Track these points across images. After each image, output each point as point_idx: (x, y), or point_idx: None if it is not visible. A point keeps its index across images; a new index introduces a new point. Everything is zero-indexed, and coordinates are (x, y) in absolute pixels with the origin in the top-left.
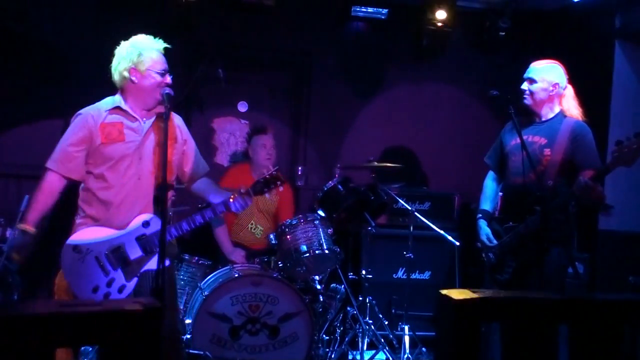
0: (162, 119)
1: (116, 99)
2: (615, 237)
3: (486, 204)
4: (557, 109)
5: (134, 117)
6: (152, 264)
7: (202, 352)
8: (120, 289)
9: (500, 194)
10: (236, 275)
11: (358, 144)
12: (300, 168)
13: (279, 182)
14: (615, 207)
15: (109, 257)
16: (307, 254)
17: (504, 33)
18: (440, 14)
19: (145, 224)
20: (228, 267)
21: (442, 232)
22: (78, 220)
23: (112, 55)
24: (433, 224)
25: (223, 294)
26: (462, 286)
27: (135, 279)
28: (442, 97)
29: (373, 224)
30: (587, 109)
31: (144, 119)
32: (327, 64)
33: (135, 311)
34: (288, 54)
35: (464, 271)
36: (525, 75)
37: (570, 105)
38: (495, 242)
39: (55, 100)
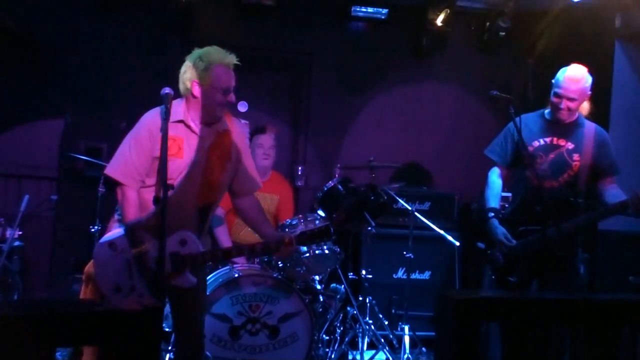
0: (223, 138)
1: (179, 110)
2: (615, 237)
3: (495, 202)
4: (576, 112)
5: (195, 133)
6: (179, 280)
7: None
8: (140, 298)
9: (509, 194)
10: (236, 275)
11: (358, 144)
12: (300, 168)
13: (326, 238)
14: None
15: (139, 263)
16: (307, 254)
17: (504, 33)
18: (440, 14)
19: (183, 242)
20: (228, 267)
21: (442, 232)
22: (117, 217)
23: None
24: (433, 224)
25: (223, 294)
26: (462, 286)
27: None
28: (442, 97)
29: (373, 224)
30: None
31: (203, 134)
32: (327, 64)
33: (135, 311)
34: (288, 54)
35: (464, 271)
36: (563, 93)
37: (584, 103)
38: (514, 242)
39: (55, 100)
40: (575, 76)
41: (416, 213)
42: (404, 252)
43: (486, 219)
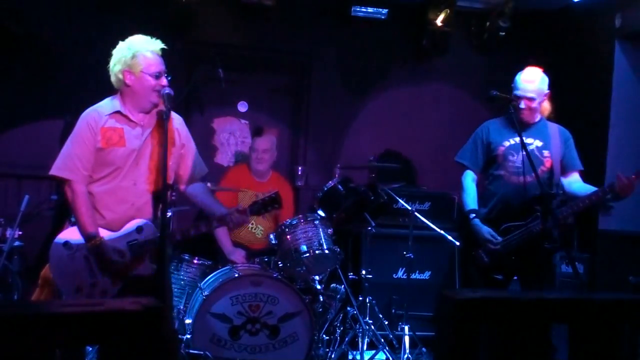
0: (162, 123)
1: (115, 103)
2: (615, 237)
3: (474, 204)
4: (538, 112)
5: (134, 122)
6: (141, 269)
7: (202, 352)
8: (103, 293)
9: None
10: (236, 275)
11: (358, 144)
12: (300, 168)
13: (276, 206)
14: (615, 207)
15: (98, 258)
16: (307, 254)
17: (504, 33)
18: (440, 15)
19: (139, 229)
20: (228, 267)
21: (442, 232)
22: (73, 220)
23: (112, 55)
24: (433, 224)
25: (223, 294)
26: (462, 286)
27: (120, 284)
28: (442, 97)
29: (373, 224)
30: (587, 109)
31: (142, 122)
32: (327, 64)
33: (135, 311)
34: (288, 54)
35: (464, 271)
36: (521, 94)
37: (545, 104)
38: (499, 239)
39: (55, 100)
40: (530, 77)
41: (416, 213)
42: (404, 252)
43: (468, 220)
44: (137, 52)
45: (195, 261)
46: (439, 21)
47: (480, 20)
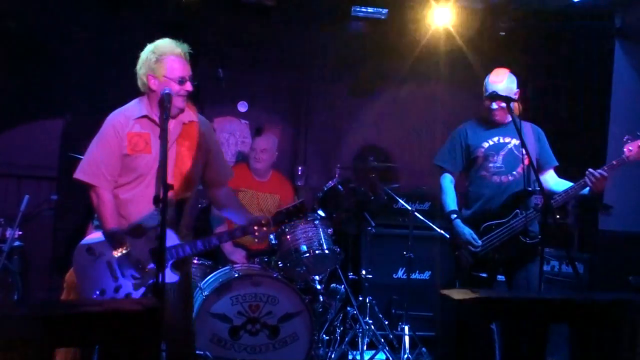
0: (190, 129)
1: (142, 106)
2: (615, 237)
3: (454, 204)
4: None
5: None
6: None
7: (202, 352)
8: (127, 297)
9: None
10: (236, 275)
11: (358, 144)
12: (300, 168)
13: (301, 215)
14: (615, 207)
15: (120, 264)
16: (307, 254)
17: (504, 33)
18: (440, 14)
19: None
20: (228, 267)
21: (442, 232)
22: (96, 223)
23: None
24: (433, 224)
25: (223, 294)
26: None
27: (142, 289)
28: (442, 97)
29: (373, 224)
30: (588, 108)
31: (169, 127)
32: (327, 63)
33: (135, 311)
34: (288, 53)
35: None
36: (492, 96)
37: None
38: (479, 242)
39: (54, 100)
40: (498, 77)
41: (416, 213)
42: (404, 252)
43: (449, 221)
44: (162, 56)
45: (195, 261)
46: (439, 21)
47: (480, 20)
